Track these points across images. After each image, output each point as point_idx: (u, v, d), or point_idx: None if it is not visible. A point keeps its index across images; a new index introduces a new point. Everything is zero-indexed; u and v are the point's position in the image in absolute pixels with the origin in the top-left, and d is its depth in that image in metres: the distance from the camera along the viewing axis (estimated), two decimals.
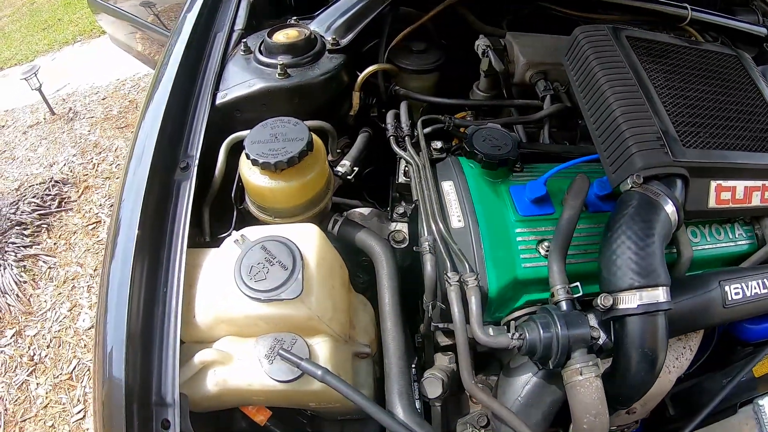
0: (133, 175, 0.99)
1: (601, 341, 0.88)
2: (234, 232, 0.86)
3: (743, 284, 1.06)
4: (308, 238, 0.82)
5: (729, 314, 1.07)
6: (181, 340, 0.84)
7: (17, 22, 7.17)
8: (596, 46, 1.10)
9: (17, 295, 3.00)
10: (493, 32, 1.49)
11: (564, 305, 0.87)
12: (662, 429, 1.28)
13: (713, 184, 1.07)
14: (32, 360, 2.81)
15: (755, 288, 1.07)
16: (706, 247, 1.17)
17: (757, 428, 1.10)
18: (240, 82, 1.18)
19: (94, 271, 3.11)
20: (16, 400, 2.68)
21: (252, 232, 0.84)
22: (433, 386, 0.94)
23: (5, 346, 2.85)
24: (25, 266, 3.13)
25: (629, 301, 0.86)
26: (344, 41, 1.23)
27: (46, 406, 2.63)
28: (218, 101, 1.15)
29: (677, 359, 1.16)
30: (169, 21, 3.16)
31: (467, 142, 1.07)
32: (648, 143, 0.98)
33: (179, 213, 0.96)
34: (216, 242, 0.98)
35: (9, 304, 2.96)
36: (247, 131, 0.97)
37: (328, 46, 1.22)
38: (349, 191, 1.21)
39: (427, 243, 0.94)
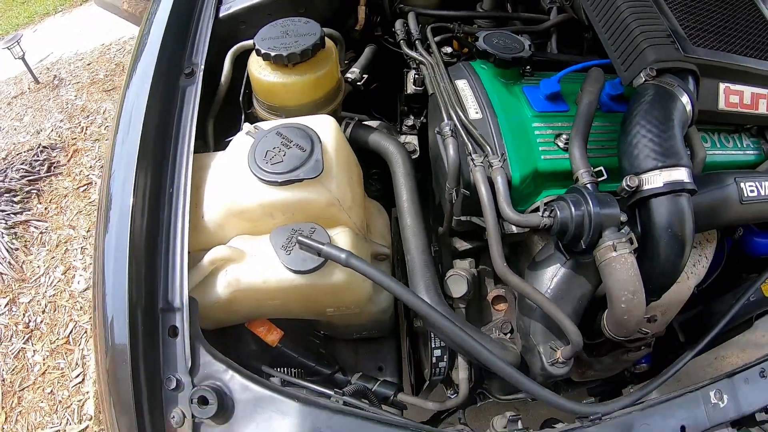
0: (138, 80, 0.97)
1: (625, 230, 0.88)
2: (245, 125, 0.83)
3: (758, 183, 1.09)
4: (326, 126, 0.80)
5: (746, 211, 1.09)
6: (189, 250, 0.82)
7: None
8: None
9: (9, 263, 2.99)
10: None
11: (590, 187, 0.87)
12: (672, 356, 1.29)
13: (722, 85, 1.10)
14: (28, 327, 2.80)
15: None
16: (717, 152, 1.20)
17: None
18: None
19: (87, 232, 3.10)
20: (13, 370, 2.68)
21: (265, 125, 0.82)
22: (458, 284, 0.93)
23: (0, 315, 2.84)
24: (16, 233, 3.12)
25: (654, 181, 0.86)
26: None
27: (43, 373, 2.63)
28: (222, 14, 1.13)
29: (694, 266, 1.19)
30: None
31: (479, 43, 1.07)
32: (659, 39, 1.01)
33: (185, 117, 0.94)
34: (222, 149, 0.96)
35: (1, 273, 2.96)
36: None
37: None
38: (357, 107, 1.20)
39: (448, 127, 0.92)
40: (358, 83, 1.07)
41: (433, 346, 1.01)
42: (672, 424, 0.94)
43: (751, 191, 1.09)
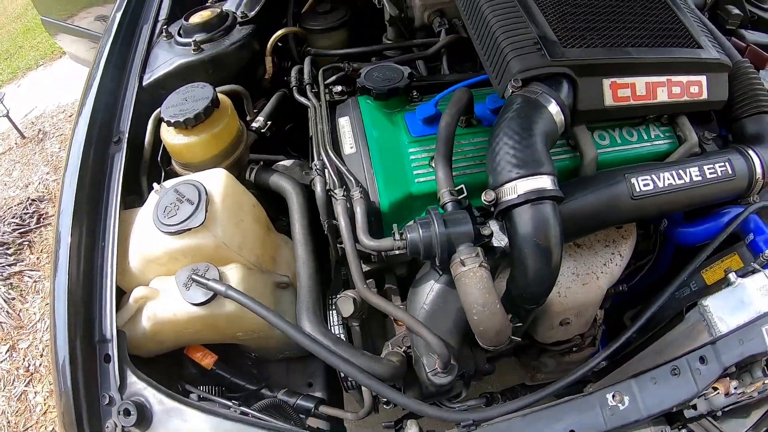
0: (74, 148, 1.16)
1: (496, 243, 0.91)
2: (155, 184, 1.01)
3: (653, 176, 1.06)
4: (214, 178, 0.98)
5: (640, 207, 1.07)
6: (121, 290, 1.01)
7: None
8: None
9: (7, 312, 3.13)
10: None
11: (449, 207, 0.92)
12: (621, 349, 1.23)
13: (607, 81, 1.08)
14: (28, 371, 2.94)
15: (669, 179, 1.08)
16: (617, 149, 1.19)
17: (707, 329, 1.05)
18: (162, 62, 1.34)
19: None
20: (17, 411, 2.82)
21: (170, 182, 1.00)
22: (345, 305, 1.02)
23: (1, 361, 2.99)
24: (11, 283, 3.27)
25: (511, 192, 0.87)
26: (252, 13, 1.40)
27: (45, 413, 2.78)
28: (145, 82, 1.32)
29: (605, 265, 1.20)
30: None
31: (359, 79, 1.18)
32: (524, 48, 1.02)
33: (113, 179, 1.13)
34: None
35: (1, 321, 3.09)
36: None
37: (239, 20, 1.38)
38: (275, 147, 1.36)
39: (315, 167, 1.06)
40: (263, 130, 1.24)
41: None
42: (558, 429, 0.93)
43: (645, 185, 1.07)
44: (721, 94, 1.19)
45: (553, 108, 0.95)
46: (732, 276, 1.02)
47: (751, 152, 1.15)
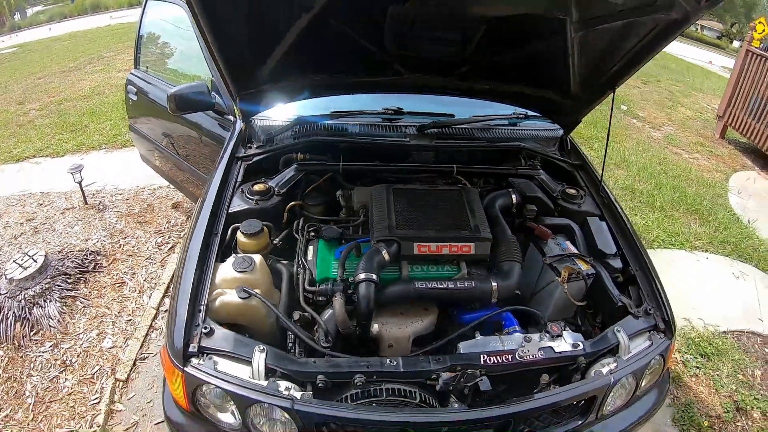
0: (197, 231, 2.58)
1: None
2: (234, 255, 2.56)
3: (427, 283, 2.16)
4: (257, 257, 2.50)
5: (421, 294, 2.16)
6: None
7: (46, 118, 8.62)
8: (375, 192, 2.52)
9: (58, 321, 4.00)
10: (345, 186, 2.82)
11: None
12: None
13: (416, 244, 2.25)
14: (64, 363, 3.69)
15: (435, 284, 2.16)
16: (425, 273, 2.31)
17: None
18: (238, 205, 2.79)
19: (117, 313, 4.18)
20: (47, 388, 3.49)
21: (238, 256, 2.56)
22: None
23: (44, 352, 3.76)
24: (65, 303, 4.16)
25: (358, 278, 2.16)
26: (282, 191, 2.84)
27: (70, 394, 3.46)
28: (230, 211, 2.78)
29: (412, 323, 2.16)
30: (179, 148, 4.53)
31: (322, 232, 2.60)
32: (382, 227, 2.27)
33: (213, 250, 2.64)
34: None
35: (51, 326, 3.94)
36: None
37: (276, 192, 2.89)
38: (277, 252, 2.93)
39: (294, 267, 2.59)
40: (277, 244, 2.78)
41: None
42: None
43: (422, 285, 2.15)
44: (485, 252, 2.31)
45: (384, 252, 2.16)
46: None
47: (492, 280, 2.20)
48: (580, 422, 2.14)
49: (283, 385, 1.84)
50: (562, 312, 2.48)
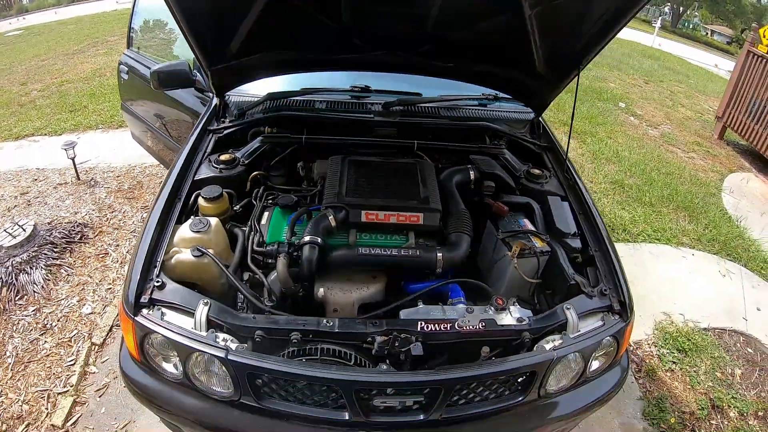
0: (161, 196, 2.76)
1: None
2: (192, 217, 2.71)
3: (371, 249, 2.25)
4: (214, 220, 2.64)
5: (365, 260, 2.25)
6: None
7: (47, 99, 8.75)
8: (331, 162, 2.68)
9: (42, 287, 4.13)
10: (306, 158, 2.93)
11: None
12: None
13: (364, 212, 2.34)
14: (44, 327, 3.79)
15: (379, 251, 2.24)
16: (372, 241, 2.36)
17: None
18: (204, 173, 2.93)
19: (99, 281, 4.32)
20: (26, 349, 3.60)
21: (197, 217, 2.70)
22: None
23: (27, 315, 3.87)
24: (50, 270, 4.30)
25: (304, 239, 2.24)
26: (246, 161, 2.97)
27: (48, 356, 3.55)
28: (195, 178, 2.95)
29: (358, 289, 2.22)
30: (171, 130, 4.63)
31: (278, 199, 2.75)
32: (332, 196, 2.38)
33: (175, 212, 2.79)
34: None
35: (35, 291, 4.07)
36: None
37: (240, 162, 3.07)
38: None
39: (246, 228, 2.73)
40: (237, 210, 2.91)
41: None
42: None
43: (365, 251, 2.23)
44: (433, 222, 2.38)
45: (331, 217, 2.28)
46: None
47: (437, 251, 2.27)
48: (520, 398, 2.05)
49: (221, 336, 1.92)
50: (517, 290, 2.46)
